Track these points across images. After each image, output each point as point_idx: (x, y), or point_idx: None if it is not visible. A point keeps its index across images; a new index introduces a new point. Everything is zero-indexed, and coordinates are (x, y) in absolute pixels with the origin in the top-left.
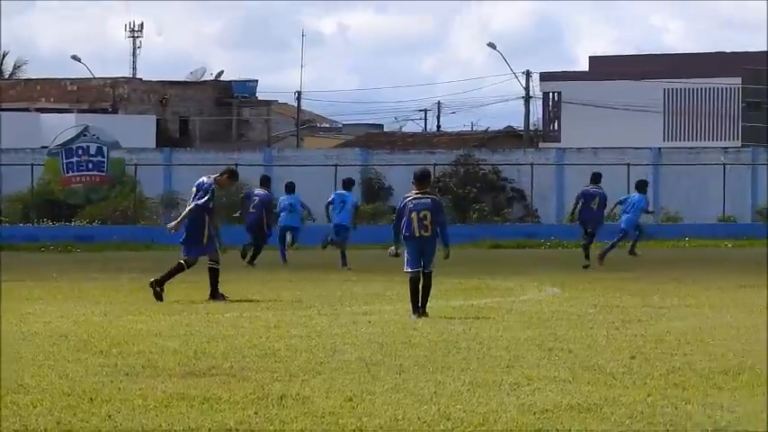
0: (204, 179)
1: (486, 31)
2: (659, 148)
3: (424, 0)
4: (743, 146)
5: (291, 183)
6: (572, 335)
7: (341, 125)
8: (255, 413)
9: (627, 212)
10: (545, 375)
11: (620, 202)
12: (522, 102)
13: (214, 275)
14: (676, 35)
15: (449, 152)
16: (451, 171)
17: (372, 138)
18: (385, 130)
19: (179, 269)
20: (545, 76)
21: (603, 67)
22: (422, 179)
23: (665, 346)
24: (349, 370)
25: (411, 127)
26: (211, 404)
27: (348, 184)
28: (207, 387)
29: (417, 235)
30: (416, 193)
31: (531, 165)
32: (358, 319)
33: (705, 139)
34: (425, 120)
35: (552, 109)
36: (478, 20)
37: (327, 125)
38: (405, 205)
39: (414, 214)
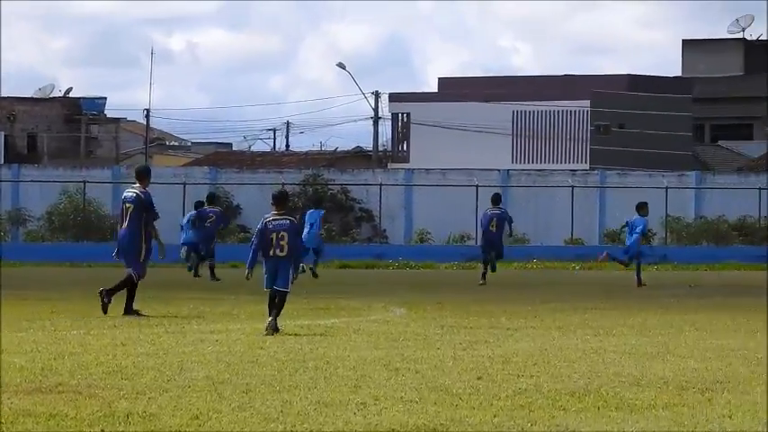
0: (134, 192)
1: (335, 50)
2: (508, 170)
3: (273, 18)
4: (591, 168)
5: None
6: (419, 355)
7: (189, 143)
8: (102, 430)
9: (630, 235)
10: (392, 395)
11: (626, 225)
12: (370, 122)
13: (132, 289)
14: (525, 57)
15: (297, 172)
16: (300, 191)
17: (221, 156)
18: (234, 148)
19: (131, 284)
20: (394, 97)
21: (452, 89)
22: (279, 200)
23: (511, 367)
24: (196, 388)
25: (260, 146)
26: (58, 421)
27: (317, 201)
28: (53, 404)
29: (272, 254)
30: (275, 214)
31: (380, 185)
32: (205, 338)
33: (554, 162)
34: (274, 139)
35: (401, 130)
36: (328, 39)
37: (176, 143)
38: (265, 226)
39: (273, 234)
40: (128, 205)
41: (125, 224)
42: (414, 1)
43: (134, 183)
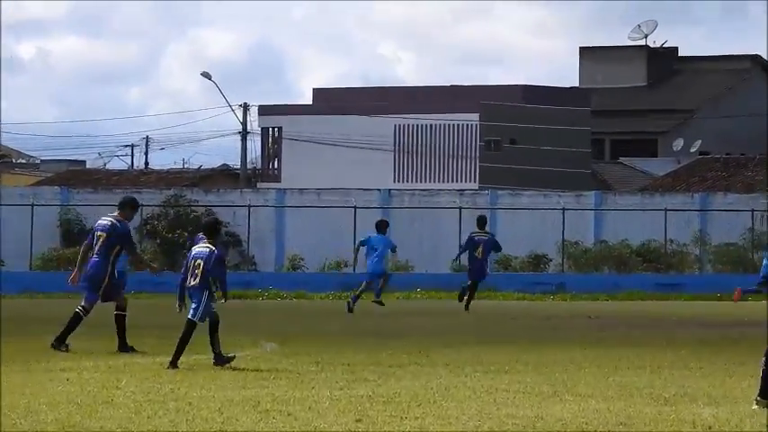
0: (109, 220)
1: (200, 58)
2: (389, 190)
3: (132, 23)
4: (480, 188)
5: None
6: (291, 395)
7: (38, 161)
8: None
9: None
10: None
11: None
12: (238, 137)
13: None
14: (408, 66)
15: (157, 192)
16: (160, 213)
17: (74, 175)
18: (88, 166)
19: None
20: (264, 110)
21: (329, 101)
22: (208, 230)
23: (393, 408)
24: None
25: (116, 164)
26: None
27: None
28: None
29: (189, 284)
30: (202, 244)
31: (249, 207)
32: (54, 377)
33: (440, 181)
34: (132, 156)
35: (272, 146)
36: (192, 46)
37: (24, 161)
38: (190, 254)
39: (191, 263)
40: (99, 233)
41: (95, 253)
42: (286, 2)
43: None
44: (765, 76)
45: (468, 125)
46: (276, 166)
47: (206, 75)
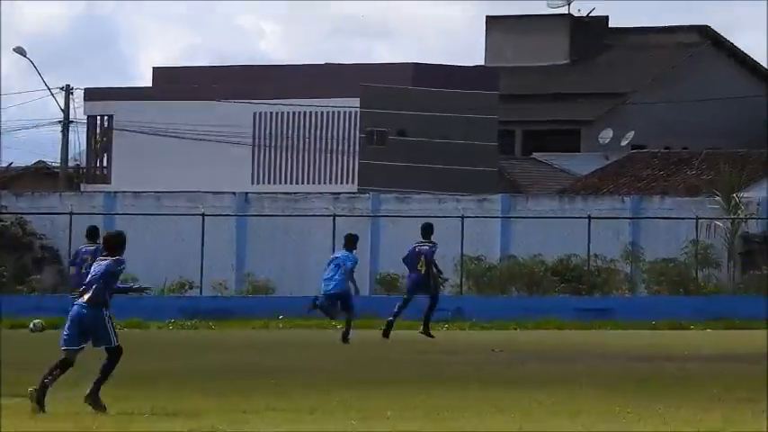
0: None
1: (13, 31)
2: (246, 194)
3: None
4: (360, 191)
5: None
6: None
7: None
8: None
9: None
10: None
11: None
12: (58, 128)
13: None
14: (272, 41)
15: None
16: None
17: None
18: None
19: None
20: (91, 94)
21: (173, 83)
22: (108, 243)
23: None
24: None
25: None
26: None
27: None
28: None
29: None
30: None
31: (70, 214)
32: None
33: (310, 182)
34: None
35: (100, 138)
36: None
37: None
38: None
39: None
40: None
41: None
42: None
43: None
44: (716, 53)
45: (345, 113)
46: (105, 163)
47: (19, 50)
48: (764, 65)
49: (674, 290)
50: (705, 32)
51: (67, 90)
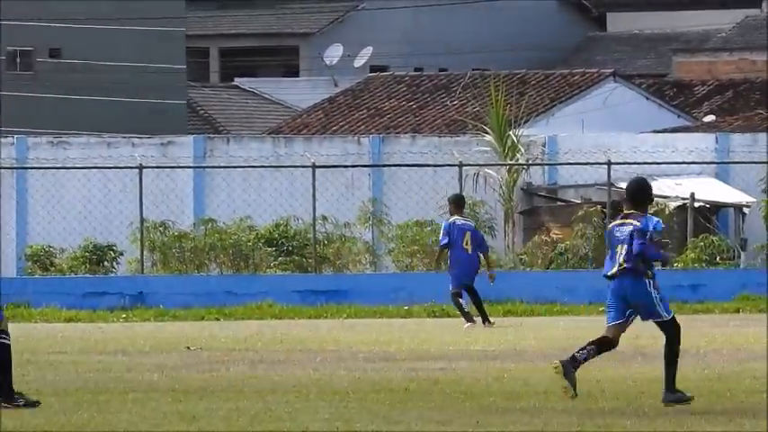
0: None
1: None
2: None
3: None
4: (2, 133)
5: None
6: None
7: None
8: None
9: None
10: None
11: None
12: None
13: None
14: None
15: None
16: None
17: None
18: None
19: None
20: None
21: None
22: None
23: None
24: None
25: None
26: None
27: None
28: None
29: None
30: None
31: None
32: None
33: None
34: None
35: None
36: None
37: None
38: None
39: None
40: None
41: None
42: None
43: None
44: None
45: None
46: None
47: None
48: None
49: (432, 263)
50: None
51: None
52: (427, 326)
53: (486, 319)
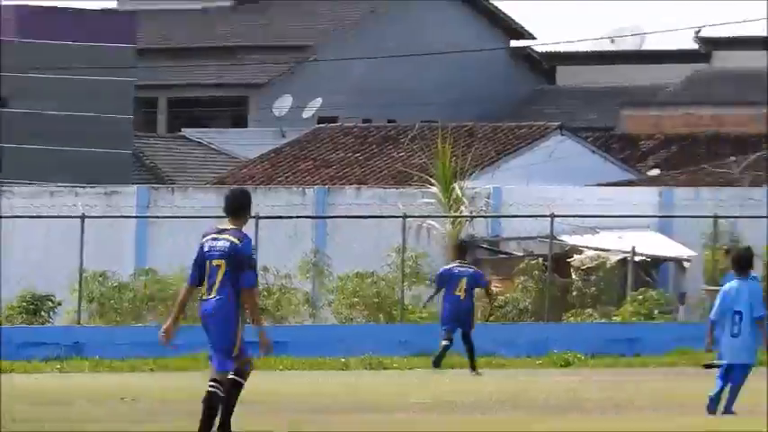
0: None
1: None
2: None
3: None
4: None
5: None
6: None
7: None
8: None
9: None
10: None
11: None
12: None
13: None
14: None
15: None
16: None
17: None
18: None
19: None
20: None
21: None
22: None
23: None
24: None
25: None
26: None
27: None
28: None
29: None
30: None
31: None
32: None
33: None
34: None
35: None
36: None
37: None
38: None
39: None
40: None
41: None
42: None
43: None
44: None
45: None
46: None
47: None
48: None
49: (373, 315)
50: None
51: None
52: (364, 377)
53: (473, 368)
